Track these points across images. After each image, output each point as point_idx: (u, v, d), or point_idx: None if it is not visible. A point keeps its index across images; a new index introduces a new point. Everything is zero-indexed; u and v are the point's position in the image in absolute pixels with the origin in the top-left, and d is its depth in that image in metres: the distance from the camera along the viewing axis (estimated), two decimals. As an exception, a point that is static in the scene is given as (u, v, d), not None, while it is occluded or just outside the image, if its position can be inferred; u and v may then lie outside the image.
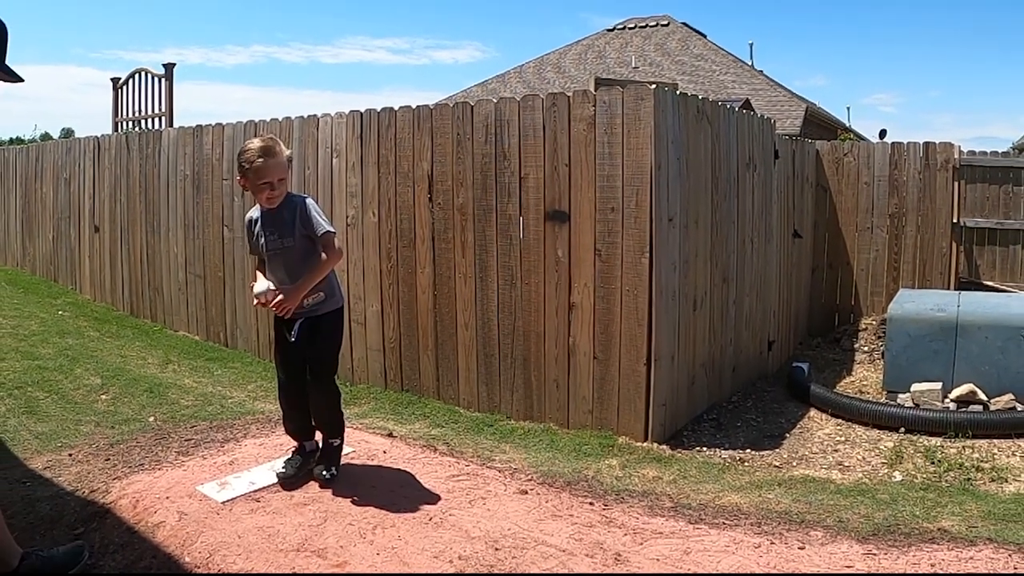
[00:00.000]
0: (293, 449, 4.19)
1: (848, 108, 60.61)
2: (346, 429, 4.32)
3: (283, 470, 4.04)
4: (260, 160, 3.77)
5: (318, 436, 4.21)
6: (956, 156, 8.95)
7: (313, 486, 3.93)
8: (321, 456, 4.15)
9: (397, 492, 3.88)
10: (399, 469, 4.24)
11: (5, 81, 3.19)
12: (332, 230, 4.02)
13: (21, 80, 3.18)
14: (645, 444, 4.93)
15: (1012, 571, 3.22)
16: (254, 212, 4.10)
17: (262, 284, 3.87)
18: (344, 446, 4.35)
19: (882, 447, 5.23)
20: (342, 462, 4.18)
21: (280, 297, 3.78)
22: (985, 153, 9.35)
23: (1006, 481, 4.55)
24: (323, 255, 3.93)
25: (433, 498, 3.85)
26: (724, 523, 3.72)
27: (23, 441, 4.78)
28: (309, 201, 4.12)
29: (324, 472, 4.01)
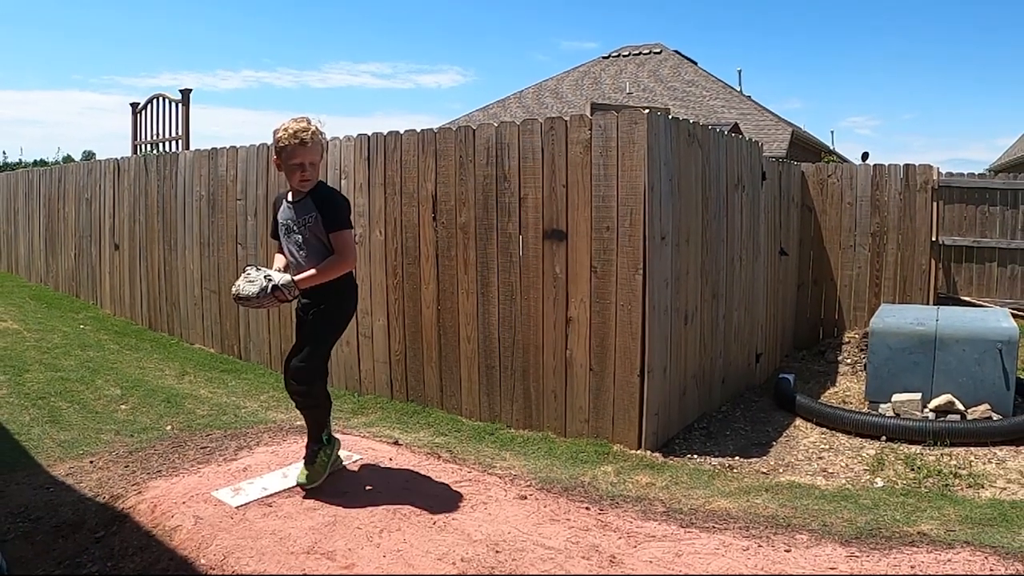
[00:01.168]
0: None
1: (832, 132, 60.91)
2: (354, 436, 4.32)
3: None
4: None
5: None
6: (935, 178, 8.99)
7: (323, 492, 3.92)
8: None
9: (402, 497, 3.88)
10: (404, 475, 4.23)
11: None
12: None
13: None
14: (639, 452, 4.93)
15: (988, 572, 3.23)
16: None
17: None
18: (352, 453, 4.35)
19: (864, 455, 5.23)
20: (351, 467, 4.19)
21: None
22: (963, 175, 9.38)
23: (982, 487, 4.56)
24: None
25: (437, 503, 3.85)
26: (714, 527, 3.72)
27: (47, 449, 4.80)
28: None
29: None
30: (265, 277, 3.71)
